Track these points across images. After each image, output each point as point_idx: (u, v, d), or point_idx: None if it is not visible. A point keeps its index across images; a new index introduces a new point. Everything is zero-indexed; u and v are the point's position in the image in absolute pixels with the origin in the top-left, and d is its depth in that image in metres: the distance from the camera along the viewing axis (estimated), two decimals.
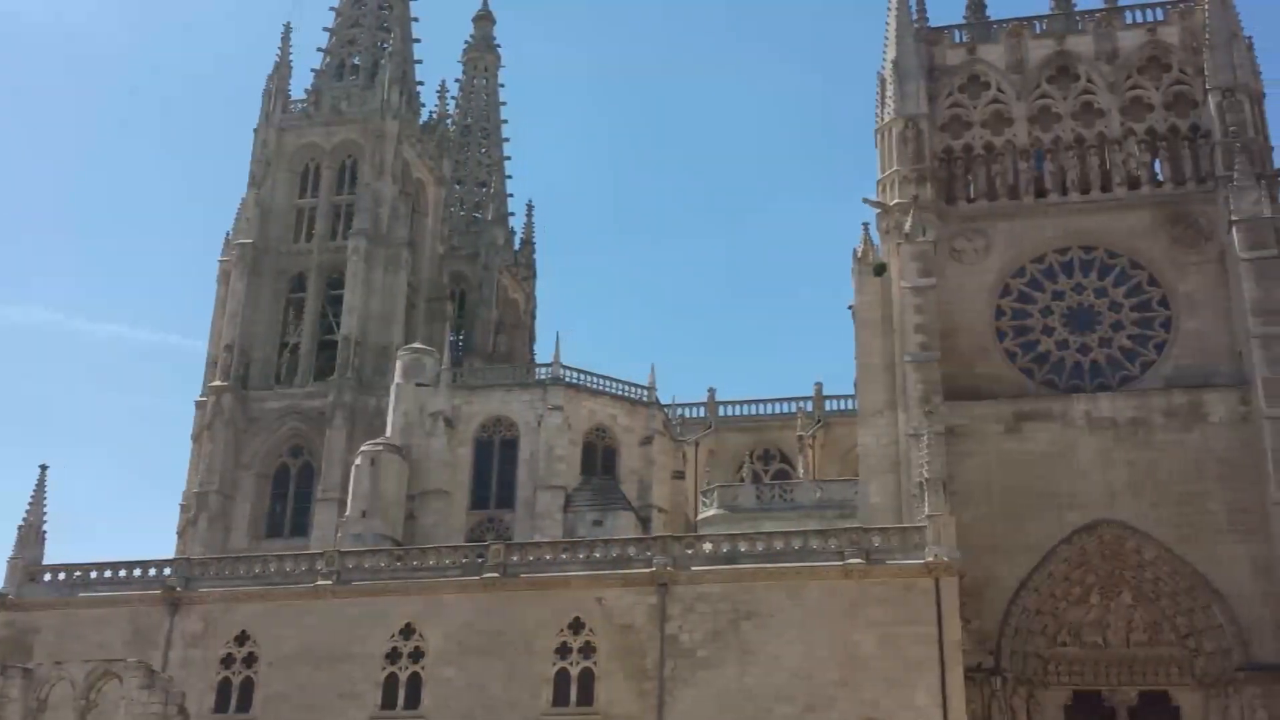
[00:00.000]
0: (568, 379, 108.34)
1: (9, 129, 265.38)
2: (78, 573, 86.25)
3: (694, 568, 77.33)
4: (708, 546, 79.09)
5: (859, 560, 74.86)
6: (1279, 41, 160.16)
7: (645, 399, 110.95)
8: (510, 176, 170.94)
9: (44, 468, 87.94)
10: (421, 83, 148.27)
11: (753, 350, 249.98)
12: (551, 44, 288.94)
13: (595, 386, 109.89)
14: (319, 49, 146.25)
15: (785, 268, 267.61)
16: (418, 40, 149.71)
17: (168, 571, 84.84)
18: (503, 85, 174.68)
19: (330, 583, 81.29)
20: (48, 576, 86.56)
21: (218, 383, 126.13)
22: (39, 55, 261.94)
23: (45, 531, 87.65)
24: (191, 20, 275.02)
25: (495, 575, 79.13)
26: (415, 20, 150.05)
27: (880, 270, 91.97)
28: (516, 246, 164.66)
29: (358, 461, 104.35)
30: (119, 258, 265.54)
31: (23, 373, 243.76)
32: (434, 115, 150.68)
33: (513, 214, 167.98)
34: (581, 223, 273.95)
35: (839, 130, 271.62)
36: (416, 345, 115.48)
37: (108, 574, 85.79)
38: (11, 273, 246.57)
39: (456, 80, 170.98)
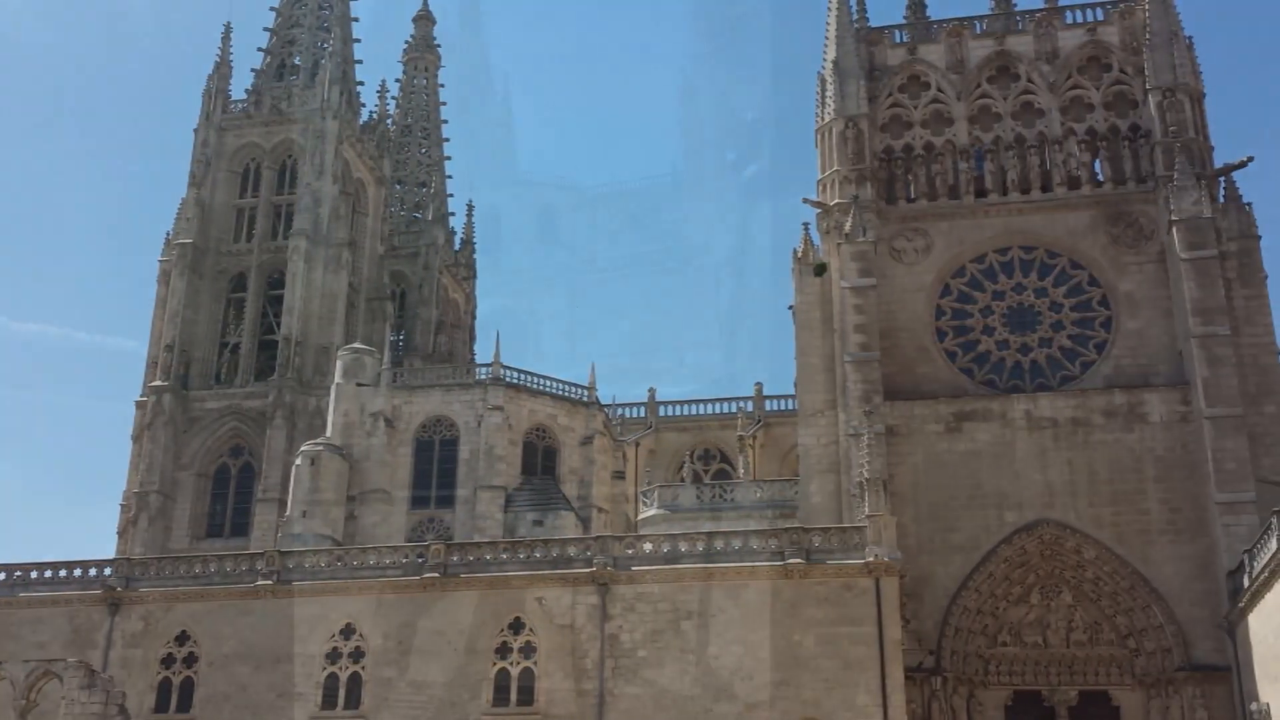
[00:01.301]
0: (508, 379, 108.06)
1: None
2: (17, 572, 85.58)
3: (634, 567, 77.15)
4: (648, 546, 78.92)
5: (799, 560, 74.74)
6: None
7: (585, 399, 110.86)
8: (450, 176, 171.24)
9: None
10: (362, 83, 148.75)
11: (693, 350, 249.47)
12: (485, 35, 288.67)
13: (535, 386, 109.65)
14: (259, 49, 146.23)
15: (726, 267, 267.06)
16: (358, 40, 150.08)
17: (108, 571, 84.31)
18: (443, 85, 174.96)
19: (270, 583, 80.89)
20: None
21: (158, 383, 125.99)
22: None
23: None
24: (131, 19, 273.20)
25: (435, 575, 78.81)
26: (355, 20, 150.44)
27: (820, 270, 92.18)
28: (456, 247, 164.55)
29: (298, 461, 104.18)
30: (58, 259, 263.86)
31: None
32: (374, 115, 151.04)
33: (453, 214, 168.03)
34: (520, 221, 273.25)
35: (786, 131, 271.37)
36: (357, 345, 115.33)
37: (47, 574, 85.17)
38: None
39: (397, 80, 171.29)
